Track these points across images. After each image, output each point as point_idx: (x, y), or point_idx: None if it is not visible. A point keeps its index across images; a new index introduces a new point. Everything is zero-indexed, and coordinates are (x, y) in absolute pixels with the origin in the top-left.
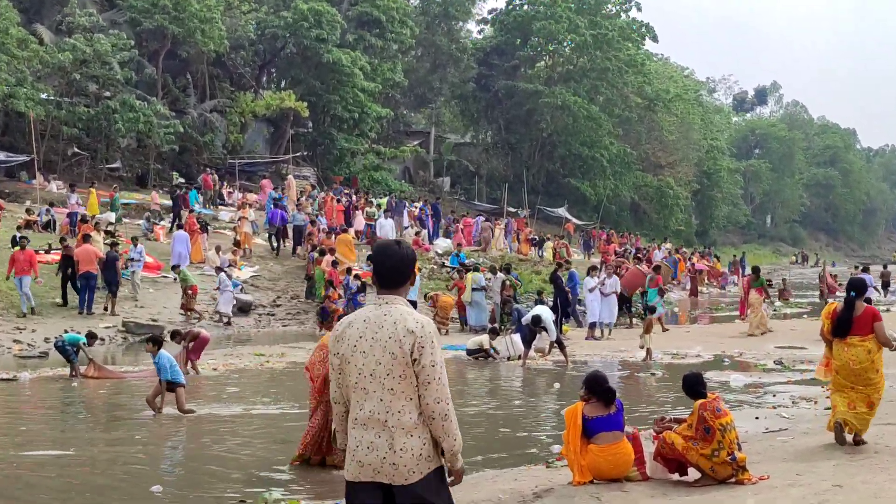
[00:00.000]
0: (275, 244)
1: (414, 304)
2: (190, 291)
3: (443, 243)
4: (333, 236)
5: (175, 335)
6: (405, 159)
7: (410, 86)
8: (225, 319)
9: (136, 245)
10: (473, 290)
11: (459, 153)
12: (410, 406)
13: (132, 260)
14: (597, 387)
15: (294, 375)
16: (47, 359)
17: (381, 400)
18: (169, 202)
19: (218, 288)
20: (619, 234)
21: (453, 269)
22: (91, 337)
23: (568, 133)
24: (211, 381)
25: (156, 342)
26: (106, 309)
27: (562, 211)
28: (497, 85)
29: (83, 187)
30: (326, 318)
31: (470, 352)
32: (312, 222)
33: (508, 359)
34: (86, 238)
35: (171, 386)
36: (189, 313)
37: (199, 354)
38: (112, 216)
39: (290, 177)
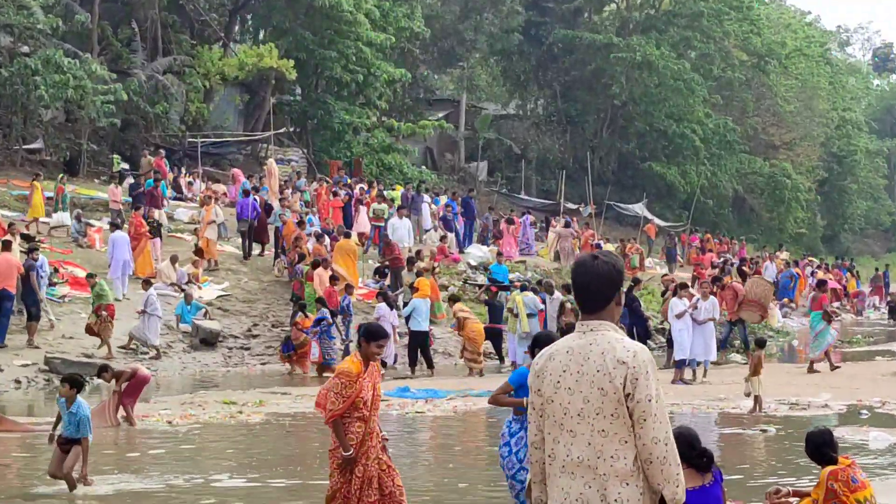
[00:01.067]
0: (246, 248)
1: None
2: (104, 313)
3: (477, 252)
4: (328, 242)
5: (103, 371)
6: (426, 138)
7: (434, 38)
8: (152, 352)
9: (34, 255)
10: (528, 316)
11: (500, 129)
12: (625, 449)
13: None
14: (687, 449)
15: (276, 432)
16: None
17: (591, 444)
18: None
19: (144, 310)
20: (718, 238)
21: (488, 286)
22: None
23: (648, 101)
24: (160, 438)
25: (74, 384)
26: (29, 341)
27: (639, 207)
28: (552, 36)
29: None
30: (289, 351)
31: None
32: (300, 223)
33: None
34: (5, 246)
35: (70, 441)
36: (103, 343)
37: (136, 398)
38: (66, 218)
39: (271, 161)
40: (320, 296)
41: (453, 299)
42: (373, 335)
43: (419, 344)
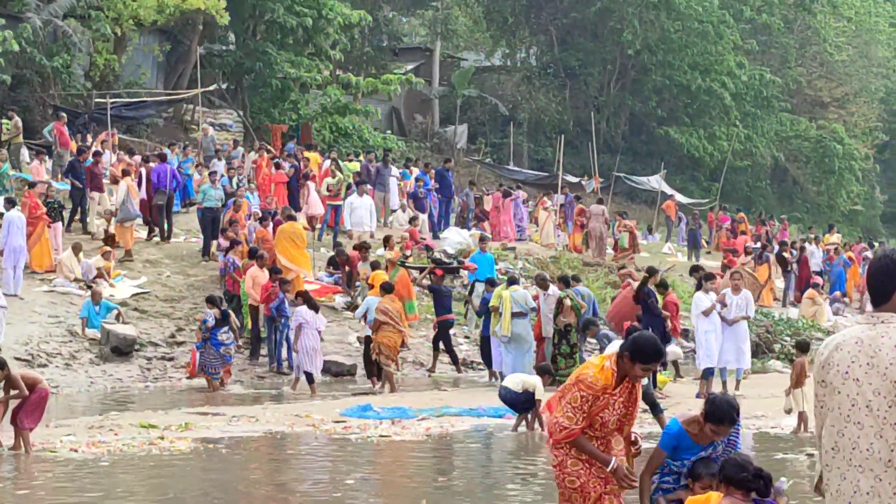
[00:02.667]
0: (156, 229)
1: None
2: None
3: (455, 237)
4: (270, 225)
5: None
6: (392, 96)
7: None
8: None
9: None
10: (513, 316)
11: (483, 85)
12: None
13: None
14: (739, 472)
15: (210, 462)
16: None
17: (882, 436)
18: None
19: None
20: (754, 218)
21: (432, 268)
22: None
23: (667, 49)
24: (61, 471)
25: None
26: None
27: (655, 180)
28: None
29: None
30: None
31: (510, 401)
32: (235, 202)
33: None
34: None
35: None
36: None
37: (38, 419)
38: None
39: (206, 125)
40: (252, 302)
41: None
42: (645, 356)
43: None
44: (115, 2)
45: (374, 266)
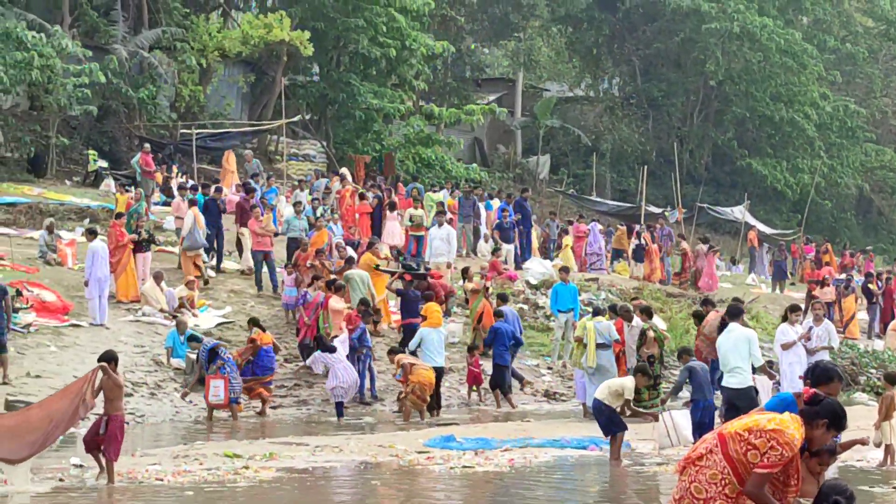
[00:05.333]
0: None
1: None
2: None
3: (539, 267)
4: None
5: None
6: (475, 126)
7: (483, 3)
8: None
9: None
10: (597, 347)
11: (565, 115)
12: None
13: None
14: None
15: (294, 493)
16: None
17: None
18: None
19: None
20: (838, 249)
21: (401, 273)
22: None
23: (750, 80)
24: (143, 499)
25: None
26: (3, 378)
27: (739, 211)
28: (629, 1)
29: None
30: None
31: (604, 414)
32: (302, 244)
33: (660, 449)
34: None
35: None
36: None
37: (119, 449)
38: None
39: (248, 153)
40: (335, 332)
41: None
42: (841, 424)
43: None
44: (201, 34)
45: (427, 298)
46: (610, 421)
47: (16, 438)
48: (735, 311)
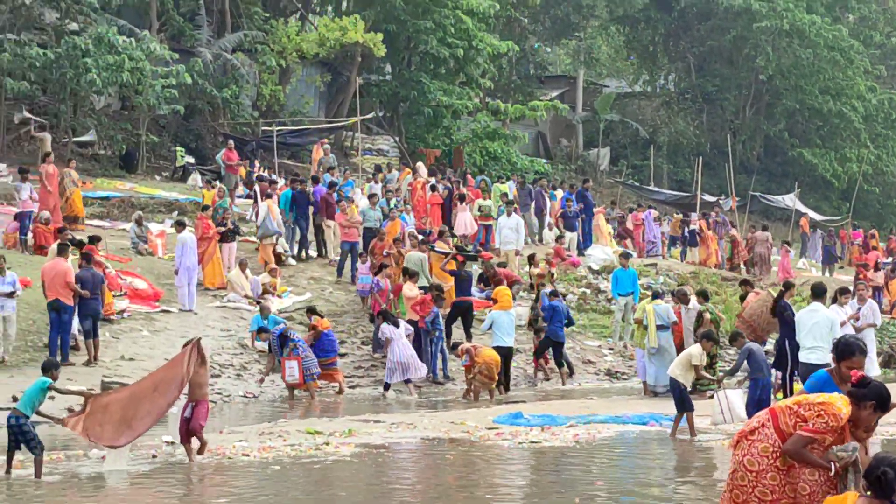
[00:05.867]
0: (296, 248)
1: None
2: None
3: (600, 253)
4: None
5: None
6: (538, 121)
7: (545, 5)
8: None
9: (1, 272)
10: (658, 329)
11: (624, 110)
12: None
13: (7, 295)
14: (884, 477)
15: (372, 467)
16: None
17: None
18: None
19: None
20: (886, 234)
21: (454, 254)
22: (52, 368)
23: (799, 75)
24: (230, 474)
25: None
26: (91, 360)
27: (790, 199)
28: (684, 1)
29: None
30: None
31: (678, 391)
32: (380, 233)
33: (715, 425)
34: (61, 250)
35: None
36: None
37: (203, 424)
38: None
39: (326, 146)
40: (408, 317)
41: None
42: (887, 406)
43: (502, 361)
44: (280, 36)
45: (498, 283)
46: (681, 399)
47: (123, 423)
48: (819, 291)
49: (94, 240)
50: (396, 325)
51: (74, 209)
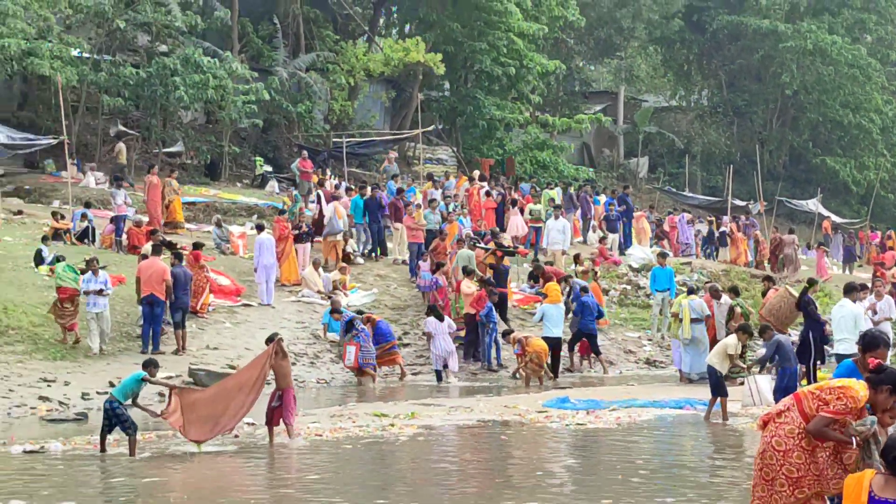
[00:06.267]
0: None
1: (559, 343)
2: (58, 295)
3: (640, 253)
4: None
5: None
6: (583, 133)
7: (589, 27)
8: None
9: (94, 272)
10: (691, 321)
11: (661, 122)
12: None
13: (96, 293)
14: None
15: (432, 446)
16: (86, 422)
17: None
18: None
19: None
20: None
21: (494, 250)
22: (151, 366)
23: (821, 90)
24: (307, 451)
25: None
26: (180, 349)
27: (813, 203)
28: (715, 23)
29: (132, 180)
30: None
31: (714, 377)
32: (442, 233)
33: (745, 407)
34: (154, 250)
35: None
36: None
37: (293, 413)
38: None
39: (392, 156)
40: (466, 310)
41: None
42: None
43: (551, 350)
44: (349, 56)
45: (547, 279)
46: (717, 385)
47: (210, 420)
48: (848, 288)
49: (198, 246)
50: (441, 319)
51: (175, 215)
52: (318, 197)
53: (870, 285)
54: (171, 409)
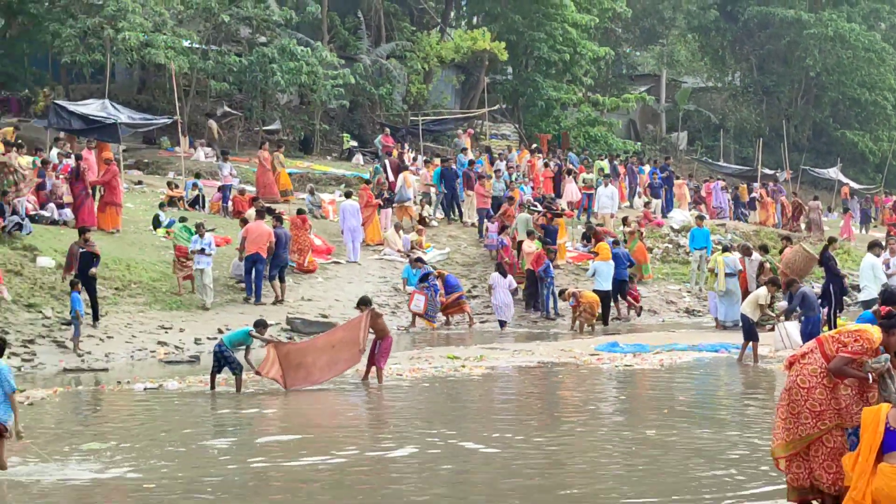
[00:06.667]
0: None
1: (609, 295)
2: (176, 253)
3: (680, 216)
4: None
5: (363, 303)
6: (629, 111)
7: (635, 17)
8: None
9: (201, 234)
10: (726, 276)
11: (699, 101)
12: None
13: (200, 252)
14: None
15: (498, 383)
16: (198, 364)
17: None
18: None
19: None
20: None
21: (544, 212)
22: (260, 326)
23: (841, 72)
24: (391, 389)
25: None
26: (279, 301)
27: (833, 172)
28: (747, 13)
29: (236, 154)
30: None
31: (746, 324)
32: (510, 198)
33: (776, 351)
34: (259, 215)
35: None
36: (182, 280)
37: (386, 359)
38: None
39: (460, 132)
40: (528, 267)
41: (562, 292)
42: None
43: (602, 302)
44: (424, 45)
45: (598, 240)
46: (749, 331)
47: (301, 368)
48: (871, 245)
49: (301, 211)
50: (504, 276)
51: (283, 184)
52: (385, 167)
53: (884, 243)
54: (268, 363)
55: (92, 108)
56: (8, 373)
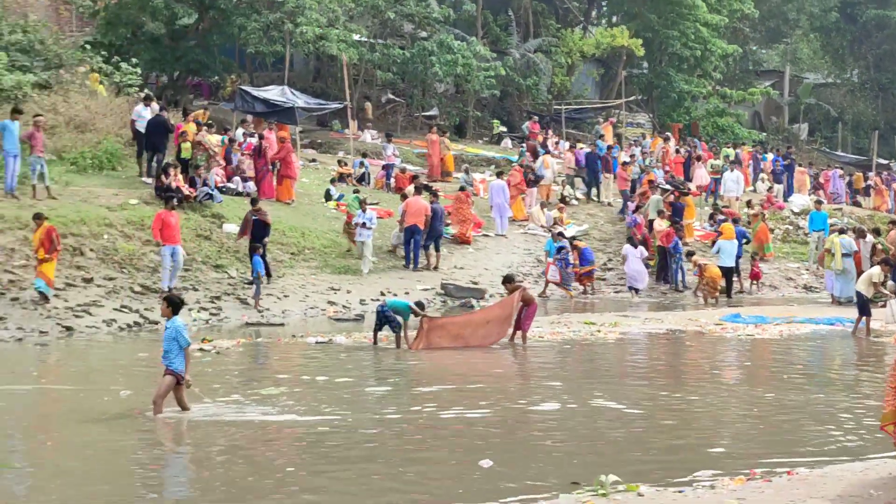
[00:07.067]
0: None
1: (732, 271)
2: (347, 219)
3: (799, 200)
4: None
5: (508, 280)
6: (755, 103)
7: (761, 18)
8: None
9: (363, 209)
10: (843, 256)
11: (819, 96)
12: None
13: (361, 226)
14: None
15: (630, 347)
16: (362, 322)
17: None
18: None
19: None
20: None
21: (672, 191)
22: (419, 306)
23: None
24: (534, 349)
25: (171, 303)
26: (434, 268)
27: None
28: (865, 15)
29: (398, 137)
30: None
31: (861, 300)
32: (650, 181)
33: (887, 324)
34: (417, 191)
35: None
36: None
37: (530, 323)
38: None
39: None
40: (659, 243)
41: (689, 254)
42: None
43: (725, 277)
44: (568, 41)
45: (722, 221)
46: (863, 306)
47: (458, 338)
48: None
49: (462, 188)
50: (635, 247)
51: (447, 165)
52: (532, 149)
53: None
54: (419, 337)
55: (273, 93)
56: (184, 329)
